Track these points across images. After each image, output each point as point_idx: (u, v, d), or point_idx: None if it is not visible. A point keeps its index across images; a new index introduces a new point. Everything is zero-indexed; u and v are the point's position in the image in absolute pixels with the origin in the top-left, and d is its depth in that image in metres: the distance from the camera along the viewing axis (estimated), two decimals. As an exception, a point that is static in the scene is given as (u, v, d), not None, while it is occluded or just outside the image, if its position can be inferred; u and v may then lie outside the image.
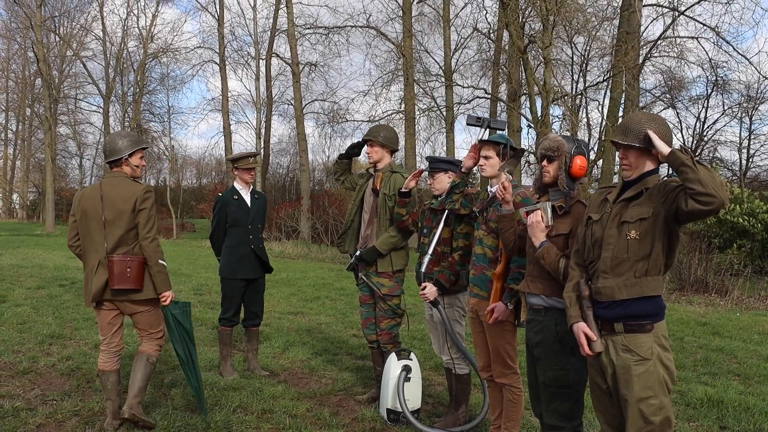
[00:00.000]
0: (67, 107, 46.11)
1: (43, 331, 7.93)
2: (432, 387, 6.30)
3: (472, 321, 4.67)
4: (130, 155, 4.95)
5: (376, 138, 5.77)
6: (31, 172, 52.25)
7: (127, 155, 4.93)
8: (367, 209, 5.89)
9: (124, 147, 4.95)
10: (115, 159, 4.95)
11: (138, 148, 5.00)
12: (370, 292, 5.77)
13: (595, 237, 3.34)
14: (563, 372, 3.67)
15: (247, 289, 6.62)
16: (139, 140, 5.08)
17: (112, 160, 4.97)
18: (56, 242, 25.79)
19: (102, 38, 41.57)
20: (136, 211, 4.83)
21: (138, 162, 5.04)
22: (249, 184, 6.72)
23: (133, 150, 4.96)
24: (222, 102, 35.48)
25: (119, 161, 4.96)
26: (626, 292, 3.17)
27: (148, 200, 4.90)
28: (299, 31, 31.06)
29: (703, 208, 2.88)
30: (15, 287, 11.57)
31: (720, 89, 28.84)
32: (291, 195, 37.96)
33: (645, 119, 3.26)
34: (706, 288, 13.55)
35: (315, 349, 7.66)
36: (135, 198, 4.83)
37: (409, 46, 26.06)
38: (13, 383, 5.89)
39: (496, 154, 4.53)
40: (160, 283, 4.84)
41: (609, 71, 21.96)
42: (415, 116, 26.77)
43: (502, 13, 21.12)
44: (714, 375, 7.01)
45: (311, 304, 11.22)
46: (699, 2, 22.33)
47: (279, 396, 5.81)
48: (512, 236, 4.11)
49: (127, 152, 4.92)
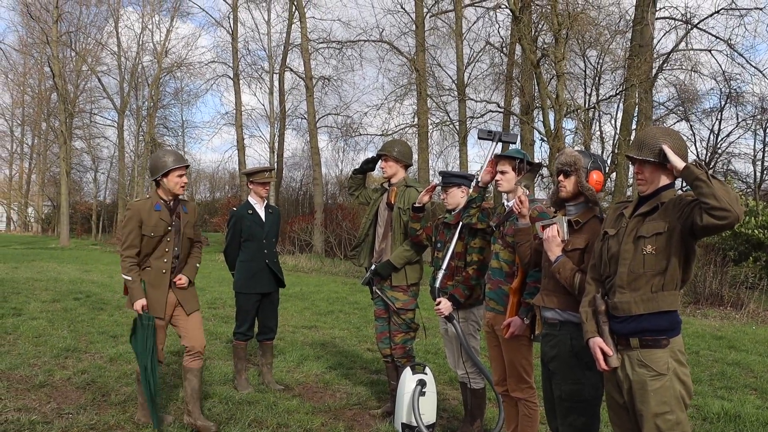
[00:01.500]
0: (82, 121, 46.43)
1: (59, 345, 7.96)
2: (447, 401, 6.29)
3: (487, 335, 4.66)
4: (164, 175, 5.16)
5: (391, 153, 5.79)
6: (46, 186, 52.57)
7: (159, 177, 5.17)
8: (381, 223, 5.90)
9: (152, 171, 5.25)
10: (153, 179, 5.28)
11: (160, 175, 5.17)
12: (385, 306, 5.77)
13: (611, 252, 3.33)
14: (579, 386, 3.65)
15: (261, 303, 6.64)
16: (172, 161, 5.21)
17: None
18: (71, 255, 25.93)
19: (117, 53, 41.93)
20: None
21: (175, 181, 5.21)
22: (263, 199, 6.74)
23: (160, 174, 5.17)
24: (236, 116, 35.62)
25: (157, 181, 5.26)
26: (643, 307, 3.17)
27: (124, 218, 5.32)
28: (313, 46, 31.18)
29: (718, 223, 2.88)
30: (30, 300, 11.63)
31: (734, 101, 28.81)
32: (304, 209, 37.96)
33: (660, 134, 3.26)
34: (722, 301, 13.47)
35: (329, 363, 7.66)
36: None
37: (422, 60, 26.12)
38: (29, 396, 5.92)
39: (512, 168, 4.54)
40: (129, 295, 5.18)
41: (622, 84, 21.94)
42: (428, 130, 26.77)
43: (514, 27, 21.15)
44: (730, 389, 6.95)
45: (325, 318, 11.22)
46: (712, 15, 22.37)
47: (294, 410, 5.81)
48: (528, 250, 4.11)
49: (155, 177, 5.21)
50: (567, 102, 20.33)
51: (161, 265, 5.22)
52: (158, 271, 5.21)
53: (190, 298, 5.39)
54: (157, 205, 5.22)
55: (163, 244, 5.22)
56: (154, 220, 5.16)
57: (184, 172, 5.26)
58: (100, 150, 50.07)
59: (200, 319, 5.42)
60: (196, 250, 5.54)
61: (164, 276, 5.21)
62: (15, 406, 5.57)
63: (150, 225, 5.15)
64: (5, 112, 52.81)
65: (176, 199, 5.33)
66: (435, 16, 27.61)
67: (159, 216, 5.19)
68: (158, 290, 5.18)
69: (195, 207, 5.59)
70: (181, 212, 5.32)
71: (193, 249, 5.51)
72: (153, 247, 5.20)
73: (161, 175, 5.17)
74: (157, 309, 5.16)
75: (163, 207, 5.23)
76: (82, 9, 41.56)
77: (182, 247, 5.33)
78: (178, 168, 5.21)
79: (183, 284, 5.29)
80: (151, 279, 5.19)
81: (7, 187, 56.06)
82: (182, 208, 5.35)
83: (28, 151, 55.50)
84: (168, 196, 5.27)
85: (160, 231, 5.17)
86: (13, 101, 52.47)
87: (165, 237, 5.21)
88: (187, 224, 5.35)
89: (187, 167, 5.30)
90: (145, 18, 40.84)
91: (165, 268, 5.22)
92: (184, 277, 5.32)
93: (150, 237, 5.15)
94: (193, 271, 5.46)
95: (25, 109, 52.21)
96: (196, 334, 5.31)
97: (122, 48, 41.80)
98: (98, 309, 11.02)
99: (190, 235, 5.40)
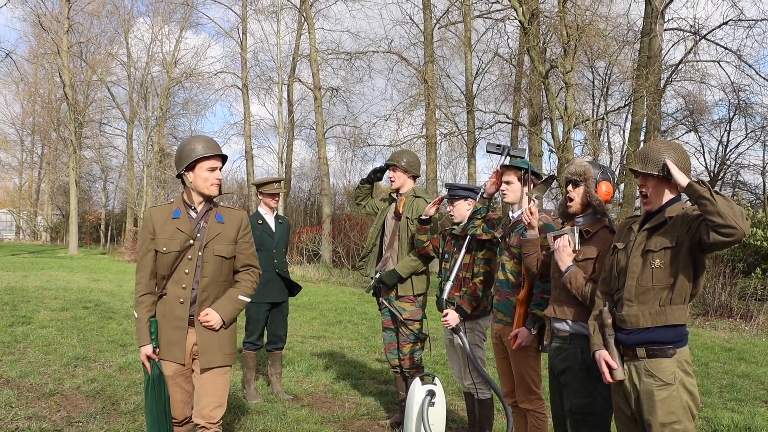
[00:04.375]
0: (92, 131, 46.64)
1: (68, 353, 8.01)
2: (455, 412, 6.28)
3: (495, 347, 4.66)
4: (190, 167, 3.92)
5: (399, 163, 5.81)
6: (55, 195, 52.73)
7: (184, 170, 3.93)
8: (388, 233, 5.92)
9: (177, 163, 4.00)
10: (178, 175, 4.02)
11: (184, 168, 3.93)
12: (392, 317, 5.78)
13: (620, 265, 3.35)
14: (590, 399, 3.66)
15: (271, 312, 6.66)
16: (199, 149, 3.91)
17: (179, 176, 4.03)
18: (80, 264, 26.01)
19: (127, 63, 42.15)
20: None
21: (204, 176, 3.91)
22: (273, 209, 6.78)
23: (184, 167, 3.93)
24: (244, 126, 35.74)
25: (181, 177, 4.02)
26: (651, 320, 3.18)
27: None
28: (321, 57, 31.30)
29: (725, 240, 2.90)
30: (40, 309, 11.69)
31: (742, 112, 28.73)
32: (312, 219, 38.02)
33: (664, 147, 3.29)
34: (731, 313, 13.41)
35: (338, 374, 7.67)
36: None
37: (431, 71, 26.17)
38: (40, 405, 5.95)
39: (518, 179, 4.56)
40: None
41: (630, 95, 21.94)
42: (436, 141, 26.82)
43: (523, 38, 21.19)
44: (740, 401, 6.93)
45: (333, 328, 11.23)
46: (720, 26, 22.35)
47: (303, 420, 5.83)
48: (535, 261, 4.12)
49: (180, 169, 3.95)
50: (575, 113, 20.32)
51: (179, 293, 3.88)
52: (175, 300, 3.89)
53: (214, 347, 3.90)
54: (177, 210, 3.94)
55: (182, 264, 3.89)
56: (169, 230, 3.89)
57: (218, 164, 3.93)
58: (110, 159, 50.28)
59: (222, 381, 3.96)
60: (244, 277, 4.05)
61: (182, 307, 3.88)
62: (26, 414, 5.61)
63: (163, 237, 3.88)
64: (16, 122, 53.13)
65: (209, 203, 4.00)
66: (444, 27, 27.67)
67: (176, 225, 3.90)
68: (175, 327, 3.88)
69: (243, 218, 4.09)
70: (212, 221, 3.95)
71: (240, 275, 4.06)
72: (170, 268, 3.89)
73: (185, 168, 3.90)
74: (173, 351, 3.88)
75: (183, 213, 3.94)
76: (93, 20, 41.91)
77: (208, 270, 3.90)
78: (209, 158, 3.89)
79: (209, 323, 3.86)
80: (166, 311, 3.90)
81: (16, 195, 56.30)
82: (216, 217, 3.97)
83: (38, 160, 55.74)
84: (196, 199, 3.96)
85: (175, 245, 3.86)
86: (24, 111, 52.77)
87: (185, 254, 3.88)
88: (218, 238, 3.92)
89: (223, 160, 3.97)
90: (155, 29, 41.07)
91: (183, 296, 3.87)
92: (211, 313, 3.87)
93: (163, 253, 3.86)
94: (231, 306, 3.94)
95: (35, 119, 52.45)
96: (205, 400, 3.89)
97: (132, 58, 42.02)
98: (107, 318, 11.06)
99: (223, 253, 3.92)
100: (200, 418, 3.86)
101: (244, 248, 4.03)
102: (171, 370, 3.90)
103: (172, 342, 3.87)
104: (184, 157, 3.88)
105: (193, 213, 3.96)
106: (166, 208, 3.98)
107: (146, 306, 3.88)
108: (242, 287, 4.01)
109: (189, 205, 3.97)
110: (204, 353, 3.87)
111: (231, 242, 3.96)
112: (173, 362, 3.88)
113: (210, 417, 3.86)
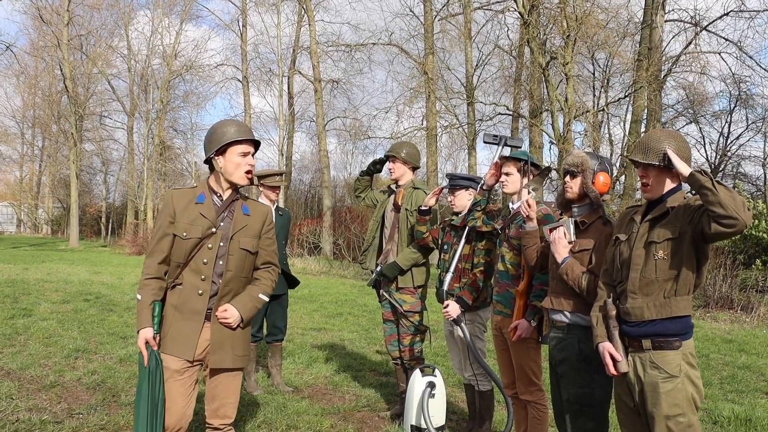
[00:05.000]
0: (92, 124, 46.65)
1: (69, 346, 8.01)
2: (456, 404, 6.29)
3: (495, 338, 4.66)
4: (220, 152, 3.66)
5: (399, 154, 5.80)
6: (56, 188, 52.75)
7: (214, 154, 3.67)
8: (388, 225, 5.91)
9: (206, 146, 3.72)
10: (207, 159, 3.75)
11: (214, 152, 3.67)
12: (393, 309, 5.77)
13: (622, 257, 3.34)
14: (588, 390, 3.65)
15: (270, 304, 6.66)
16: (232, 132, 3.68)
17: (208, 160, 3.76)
18: (80, 257, 26.03)
19: (127, 56, 42.10)
20: None
21: (237, 161, 3.66)
22: (273, 202, 6.77)
23: (214, 151, 3.67)
24: (245, 119, 35.69)
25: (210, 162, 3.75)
26: (655, 312, 3.17)
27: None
28: (322, 49, 31.26)
29: (727, 231, 2.88)
30: (41, 301, 11.69)
31: (743, 104, 28.71)
32: (313, 211, 38.02)
33: (664, 137, 3.27)
34: (731, 305, 13.41)
35: (338, 366, 7.68)
36: None
37: (431, 63, 26.12)
38: (40, 396, 5.96)
39: (517, 170, 4.55)
40: None
41: (631, 87, 21.92)
42: (437, 133, 26.81)
43: (523, 30, 21.15)
44: (741, 393, 6.93)
45: (334, 320, 11.24)
46: (721, 17, 22.31)
47: (303, 412, 5.83)
48: (535, 253, 4.12)
49: (210, 152, 3.68)
50: (576, 105, 20.30)
51: (197, 284, 3.59)
52: (192, 290, 3.60)
53: (226, 346, 3.65)
54: (201, 195, 3.69)
55: (202, 253, 3.61)
56: (191, 214, 3.63)
57: (251, 149, 3.68)
58: (110, 152, 50.31)
59: (235, 382, 3.78)
60: (264, 274, 3.83)
61: (200, 300, 3.59)
62: (26, 406, 5.61)
63: (184, 221, 3.61)
64: (16, 114, 53.16)
65: (235, 192, 3.77)
66: (444, 19, 27.64)
67: (200, 210, 3.64)
68: (189, 319, 3.59)
69: (268, 212, 3.89)
70: (238, 212, 3.72)
71: (259, 273, 3.83)
72: (187, 256, 3.60)
73: (215, 151, 3.64)
74: (182, 346, 3.57)
75: (208, 199, 3.68)
76: (93, 13, 41.82)
77: (232, 263, 3.65)
78: (242, 142, 3.65)
79: (227, 320, 3.61)
80: (181, 301, 3.60)
81: (17, 188, 56.36)
82: (242, 208, 3.74)
83: (39, 153, 55.79)
84: (224, 186, 3.71)
85: (197, 232, 3.59)
86: (24, 103, 52.80)
87: (206, 242, 3.61)
88: (244, 230, 3.69)
89: (256, 146, 3.74)
90: (156, 21, 41.00)
91: (202, 288, 3.59)
92: (230, 309, 3.62)
93: (183, 239, 3.59)
94: (250, 304, 3.70)
95: (35, 112, 52.48)
96: (220, 401, 3.76)
97: (132, 51, 41.97)
98: (108, 310, 11.07)
99: (248, 247, 3.69)
100: (215, 418, 3.73)
101: (267, 244, 3.83)
102: (177, 365, 3.57)
103: (183, 335, 3.56)
104: (215, 140, 3.63)
105: (217, 200, 3.70)
106: (189, 192, 3.71)
107: (152, 289, 3.58)
108: (262, 285, 3.79)
109: (215, 191, 3.72)
110: (216, 351, 3.61)
111: (256, 236, 3.75)
112: (178, 357, 3.56)
113: (225, 417, 3.75)
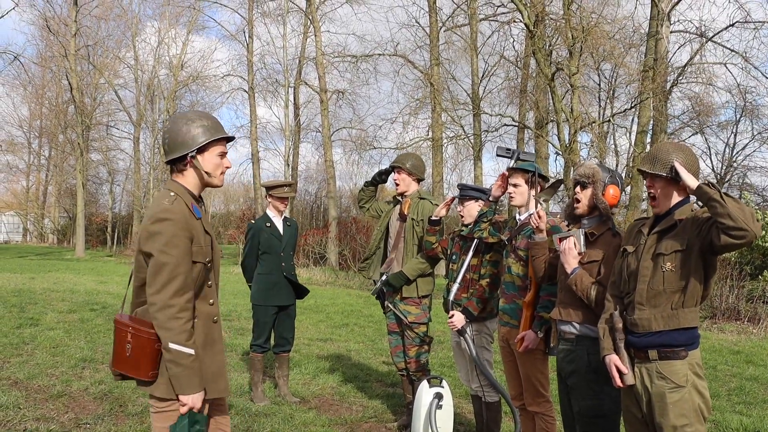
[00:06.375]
0: (99, 134, 46.76)
1: (76, 355, 8.02)
2: (463, 415, 6.28)
3: (502, 350, 4.66)
4: (199, 150, 3.11)
5: (404, 165, 5.81)
6: (62, 197, 52.85)
7: (194, 151, 3.09)
8: (393, 235, 5.92)
9: (180, 143, 3.08)
10: (174, 159, 3.12)
11: (195, 150, 3.09)
12: (398, 320, 5.77)
13: (630, 269, 3.34)
14: (598, 401, 3.66)
15: (278, 315, 6.67)
16: (213, 126, 3.14)
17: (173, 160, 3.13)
18: (87, 267, 26.05)
19: (134, 66, 42.26)
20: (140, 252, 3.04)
21: (214, 162, 3.14)
22: (281, 212, 6.79)
23: (195, 149, 3.09)
24: (251, 129, 35.77)
25: (183, 161, 3.12)
26: (663, 324, 3.18)
27: (157, 237, 2.93)
28: (327, 60, 31.33)
29: (736, 242, 2.90)
30: (47, 311, 11.70)
31: (749, 114, 28.63)
32: (318, 222, 38.04)
33: (672, 149, 3.29)
34: (738, 316, 13.36)
35: (345, 376, 7.67)
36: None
37: (437, 74, 26.17)
38: (48, 406, 5.97)
39: (525, 182, 4.56)
40: (174, 379, 2.92)
41: (636, 98, 21.93)
42: (442, 144, 26.82)
43: (529, 41, 21.22)
44: (749, 404, 6.91)
45: (340, 331, 11.24)
46: (726, 28, 22.30)
47: (310, 423, 5.83)
48: (543, 264, 4.12)
49: (195, 147, 3.08)
50: (582, 115, 20.31)
51: (209, 311, 3.13)
52: (208, 320, 3.11)
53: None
54: (195, 207, 3.11)
55: (210, 275, 3.15)
56: (200, 234, 3.09)
57: (226, 149, 3.22)
58: (116, 162, 50.40)
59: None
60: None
61: (217, 327, 3.16)
62: (34, 416, 5.63)
63: (200, 243, 3.07)
64: (23, 124, 53.26)
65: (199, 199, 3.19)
66: (450, 30, 27.70)
67: (203, 227, 3.13)
68: (217, 353, 3.14)
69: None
70: (204, 218, 3.18)
71: None
72: (201, 283, 3.10)
73: (197, 150, 3.09)
74: (219, 384, 3.11)
75: (202, 211, 3.16)
76: (100, 23, 42.04)
77: (216, 277, 3.25)
78: (221, 141, 3.16)
79: None
80: (204, 338, 3.06)
81: (24, 198, 56.49)
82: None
83: (45, 163, 55.89)
84: (197, 191, 3.17)
85: (209, 253, 3.12)
86: (31, 113, 52.93)
87: (213, 262, 3.17)
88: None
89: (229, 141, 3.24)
90: (162, 32, 41.18)
91: (215, 314, 3.16)
92: None
93: (204, 264, 3.08)
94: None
95: (42, 122, 52.62)
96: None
97: (139, 61, 42.15)
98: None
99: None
100: None
101: None
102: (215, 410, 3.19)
103: (217, 374, 3.10)
104: (194, 135, 3.06)
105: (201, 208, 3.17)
106: (181, 201, 3.07)
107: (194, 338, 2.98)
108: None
109: (197, 199, 3.17)
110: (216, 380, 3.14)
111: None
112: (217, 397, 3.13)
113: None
